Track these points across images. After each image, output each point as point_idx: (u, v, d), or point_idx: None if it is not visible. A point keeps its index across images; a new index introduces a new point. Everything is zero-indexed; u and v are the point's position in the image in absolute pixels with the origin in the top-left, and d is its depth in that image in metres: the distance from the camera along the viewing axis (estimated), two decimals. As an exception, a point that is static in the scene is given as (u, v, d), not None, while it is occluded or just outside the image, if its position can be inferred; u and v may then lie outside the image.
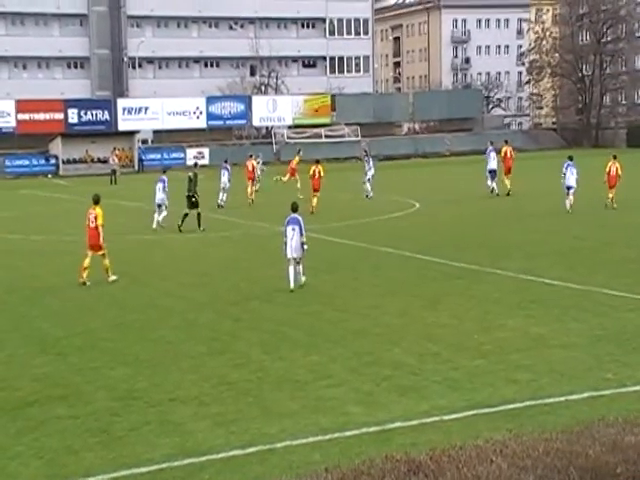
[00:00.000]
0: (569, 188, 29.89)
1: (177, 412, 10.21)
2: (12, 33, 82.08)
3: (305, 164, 38.75)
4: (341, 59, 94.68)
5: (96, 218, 19.23)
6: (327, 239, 25.07)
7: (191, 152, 73.87)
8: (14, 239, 28.16)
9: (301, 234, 17.63)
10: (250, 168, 37.57)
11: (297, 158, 40.35)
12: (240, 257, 23.15)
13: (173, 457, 8.72)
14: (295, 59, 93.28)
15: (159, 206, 29.63)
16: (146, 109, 75.64)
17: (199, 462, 8.59)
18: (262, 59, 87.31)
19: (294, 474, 6.60)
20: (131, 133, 73.57)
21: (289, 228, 17.69)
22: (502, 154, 37.41)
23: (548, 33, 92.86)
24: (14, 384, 11.54)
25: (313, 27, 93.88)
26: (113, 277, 19.36)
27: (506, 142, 38.97)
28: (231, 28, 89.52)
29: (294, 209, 18.13)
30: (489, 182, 36.94)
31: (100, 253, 19.31)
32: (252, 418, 9.85)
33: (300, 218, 17.89)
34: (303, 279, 17.88)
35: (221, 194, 35.60)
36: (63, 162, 70.66)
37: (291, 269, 17.59)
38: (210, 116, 77.62)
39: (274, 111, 79.82)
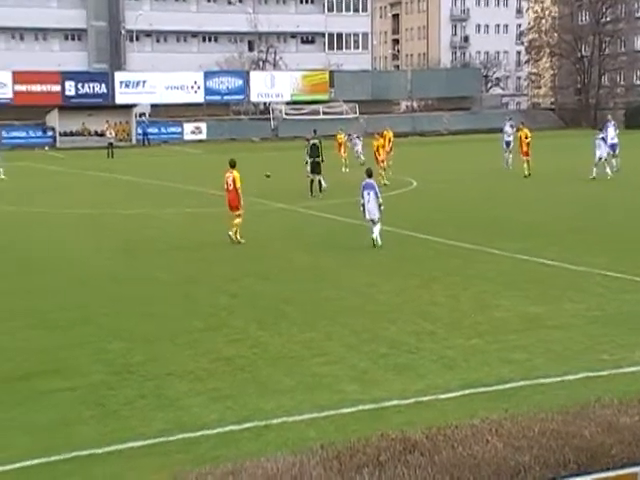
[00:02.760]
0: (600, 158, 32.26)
1: (173, 387, 10.21)
2: (9, 3, 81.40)
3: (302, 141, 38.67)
4: (340, 36, 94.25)
5: (234, 181, 20.42)
6: (323, 216, 25.05)
7: (188, 127, 73.69)
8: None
9: (377, 197, 19.30)
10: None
11: (342, 134, 42.77)
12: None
13: (168, 431, 8.72)
14: (294, 35, 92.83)
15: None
16: (144, 83, 75.34)
17: (194, 437, 8.59)
18: (260, 34, 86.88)
19: (289, 450, 6.60)
20: (128, 107, 73.32)
21: (365, 192, 19.40)
22: (518, 137, 36.94)
23: (547, 12, 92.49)
24: (12, 357, 11.52)
25: (312, 3, 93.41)
26: (241, 240, 20.33)
27: (522, 124, 38.18)
28: (230, 3, 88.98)
29: (369, 174, 19.81)
30: (505, 154, 38.30)
31: (237, 213, 20.56)
32: (248, 394, 9.85)
33: (374, 183, 19.70)
34: (379, 241, 19.25)
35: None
36: (60, 134, 70.49)
37: (375, 229, 19.29)
38: (208, 91, 77.33)
39: (272, 87, 79.53)
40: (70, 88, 73.01)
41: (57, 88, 72.52)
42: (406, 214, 25.37)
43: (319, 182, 30.44)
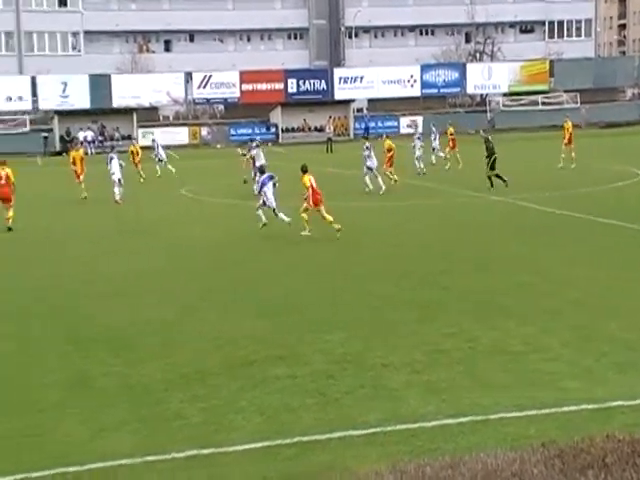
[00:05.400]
0: None
1: (390, 378, 10.34)
2: (238, 7, 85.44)
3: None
4: (561, 23, 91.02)
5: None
6: (542, 209, 24.39)
7: (404, 120, 74.01)
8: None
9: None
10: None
11: (452, 128, 40.73)
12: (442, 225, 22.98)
13: (386, 422, 8.85)
14: (512, 25, 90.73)
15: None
16: (361, 78, 76.50)
17: (411, 428, 8.66)
18: (478, 25, 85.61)
19: (509, 447, 6.51)
20: (347, 102, 74.79)
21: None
22: None
23: None
24: (237, 344, 12.11)
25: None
26: (339, 228, 20.66)
27: None
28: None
29: None
30: None
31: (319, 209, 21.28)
32: (464, 388, 9.81)
33: None
34: None
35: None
36: (282, 130, 73.16)
37: None
38: (424, 84, 77.29)
39: (489, 78, 78.23)
40: (292, 85, 75.54)
41: (280, 86, 75.25)
42: (631, 207, 24.18)
43: (496, 176, 29.75)
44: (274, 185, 22.30)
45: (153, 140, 46.43)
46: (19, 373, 11.07)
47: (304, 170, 21.98)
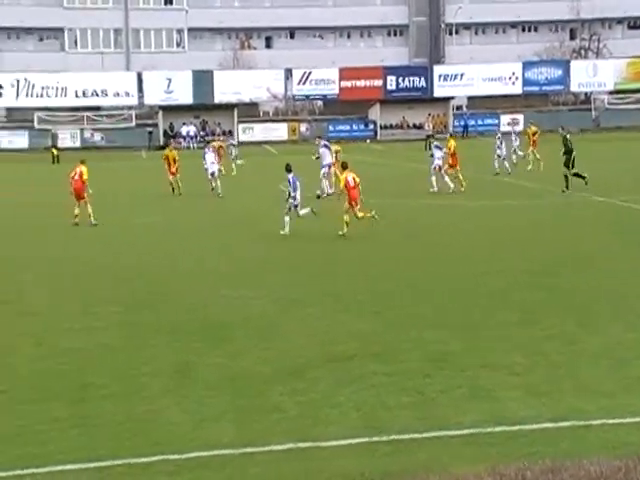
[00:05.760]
0: None
1: (488, 378, 10.24)
2: (339, 4, 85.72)
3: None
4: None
5: None
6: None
7: (505, 118, 72.90)
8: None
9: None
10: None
11: (533, 128, 39.58)
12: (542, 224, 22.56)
13: (484, 423, 8.76)
14: (620, 20, 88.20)
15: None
16: (461, 75, 75.74)
17: (510, 431, 8.56)
18: (583, 22, 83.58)
19: (612, 454, 6.36)
20: (446, 99, 74.17)
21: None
22: None
23: None
24: (335, 339, 12.19)
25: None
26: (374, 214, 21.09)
27: None
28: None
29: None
30: None
31: None
32: (565, 392, 9.64)
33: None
34: None
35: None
36: (380, 127, 73.10)
37: None
38: (526, 82, 75.99)
39: (594, 76, 76.33)
40: (391, 82, 75.37)
41: (379, 83, 75.19)
42: None
43: (574, 175, 28.89)
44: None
45: (231, 144, 46.20)
46: (125, 359, 11.41)
47: (344, 167, 22.02)
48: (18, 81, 71.45)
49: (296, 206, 21.92)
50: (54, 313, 14.21)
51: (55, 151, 57.26)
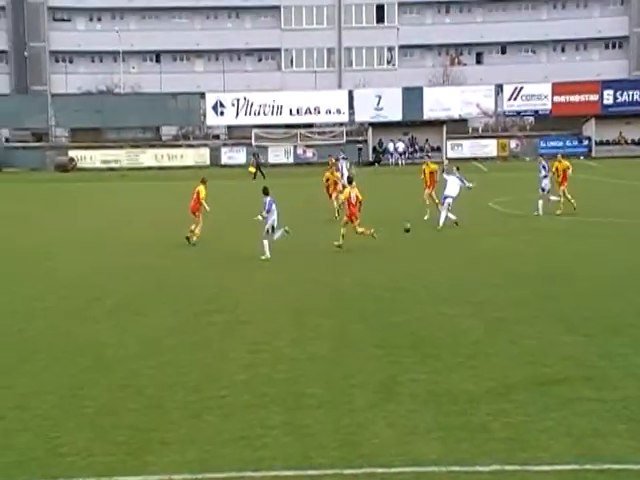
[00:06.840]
0: None
1: None
2: (552, 17, 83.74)
3: None
4: None
5: None
6: None
7: None
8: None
9: None
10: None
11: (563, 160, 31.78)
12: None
13: None
14: None
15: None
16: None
17: None
18: None
19: None
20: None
21: None
22: None
23: None
24: (543, 361, 11.90)
25: None
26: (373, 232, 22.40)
27: None
28: None
29: None
30: None
31: None
32: None
33: None
34: None
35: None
36: (596, 143, 70.53)
37: None
38: None
39: None
40: (608, 97, 72.56)
41: (595, 97, 72.60)
42: None
43: None
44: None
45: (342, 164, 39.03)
46: (334, 370, 11.70)
47: (349, 182, 23.67)
48: (238, 100, 75.06)
49: (274, 228, 21.88)
50: (267, 323, 14.77)
51: (253, 168, 58.11)
